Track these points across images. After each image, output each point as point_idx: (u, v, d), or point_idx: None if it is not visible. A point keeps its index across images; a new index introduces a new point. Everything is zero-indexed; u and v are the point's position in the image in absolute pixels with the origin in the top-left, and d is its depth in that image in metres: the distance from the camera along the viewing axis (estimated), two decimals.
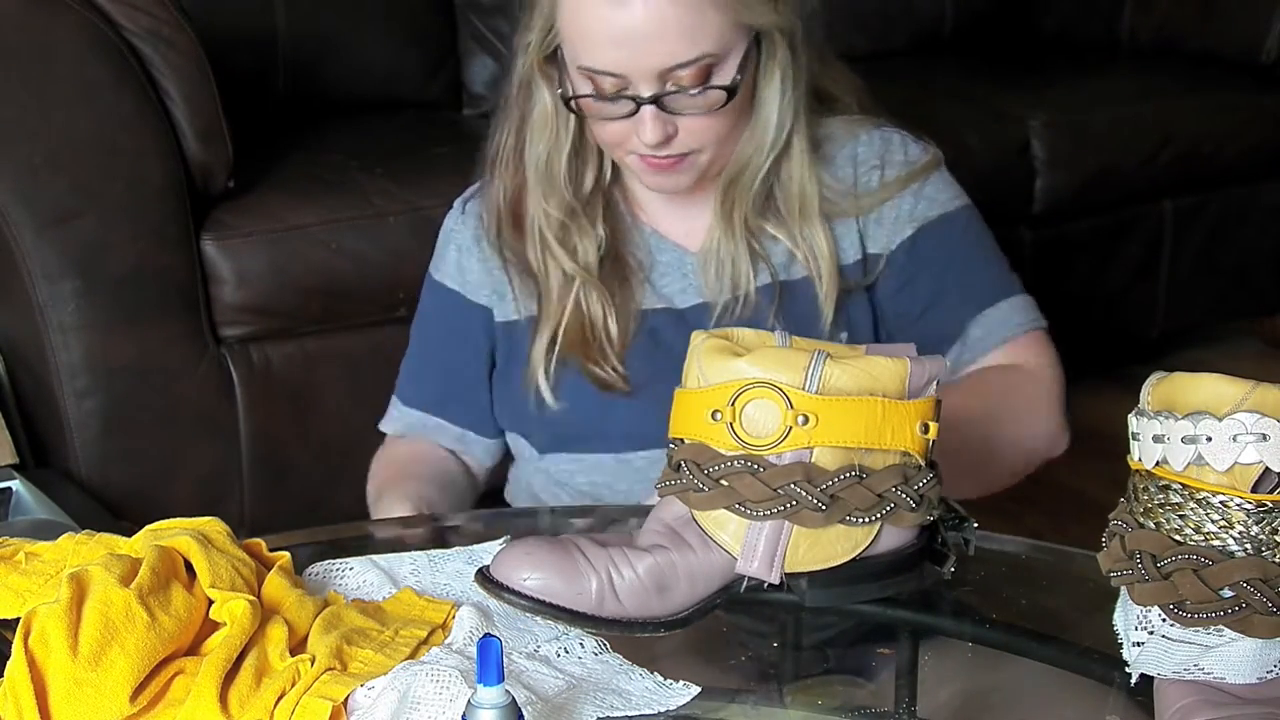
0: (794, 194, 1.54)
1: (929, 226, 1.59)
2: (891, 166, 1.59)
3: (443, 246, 1.64)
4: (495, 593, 1.11)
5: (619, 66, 1.42)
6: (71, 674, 0.99)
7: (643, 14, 1.39)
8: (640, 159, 1.48)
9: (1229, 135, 3.06)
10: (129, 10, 2.06)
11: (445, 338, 1.64)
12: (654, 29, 1.39)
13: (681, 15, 1.39)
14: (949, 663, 1.20)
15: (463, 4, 2.91)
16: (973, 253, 1.62)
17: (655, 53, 1.40)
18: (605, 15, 1.40)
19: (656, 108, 1.43)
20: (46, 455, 2.17)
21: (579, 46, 1.43)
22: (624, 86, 1.43)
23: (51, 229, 2.04)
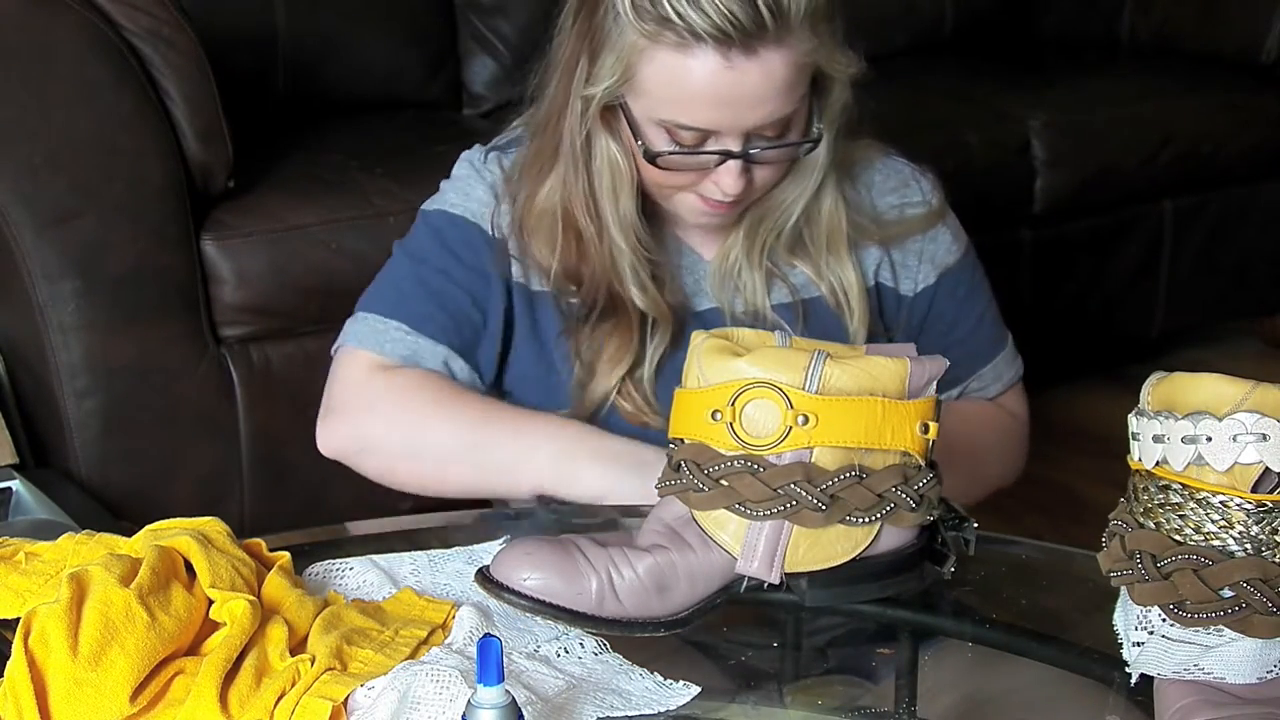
0: (822, 229, 1.54)
1: (948, 274, 1.62)
2: (913, 206, 1.61)
3: (466, 184, 1.56)
4: (495, 593, 1.11)
5: (713, 124, 1.39)
6: (71, 674, 0.99)
7: (754, 78, 1.36)
8: (700, 200, 1.46)
9: (1229, 135, 3.06)
10: (129, 10, 2.06)
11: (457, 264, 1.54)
12: (760, 91, 1.37)
13: (786, 75, 1.37)
14: (949, 663, 1.20)
15: (463, 4, 2.91)
16: (976, 305, 1.65)
17: (756, 112, 1.38)
18: (713, 78, 1.35)
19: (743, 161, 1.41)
20: (46, 455, 2.17)
21: (668, 102, 1.39)
22: (706, 139, 1.40)
23: (51, 229, 2.04)
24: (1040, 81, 3.12)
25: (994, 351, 1.66)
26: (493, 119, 2.80)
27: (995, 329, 1.68)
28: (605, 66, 1.41)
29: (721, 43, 1.34)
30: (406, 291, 1.54)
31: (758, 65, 1.35)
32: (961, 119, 2.83)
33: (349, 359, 1.55)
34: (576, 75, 1.44)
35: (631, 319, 1.51)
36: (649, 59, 1.38)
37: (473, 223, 1.55)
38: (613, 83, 1.41)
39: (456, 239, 1.55)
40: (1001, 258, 1.70)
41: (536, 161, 1.52)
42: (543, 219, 1.51)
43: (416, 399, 1.50)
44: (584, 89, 1.43)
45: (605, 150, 1.47)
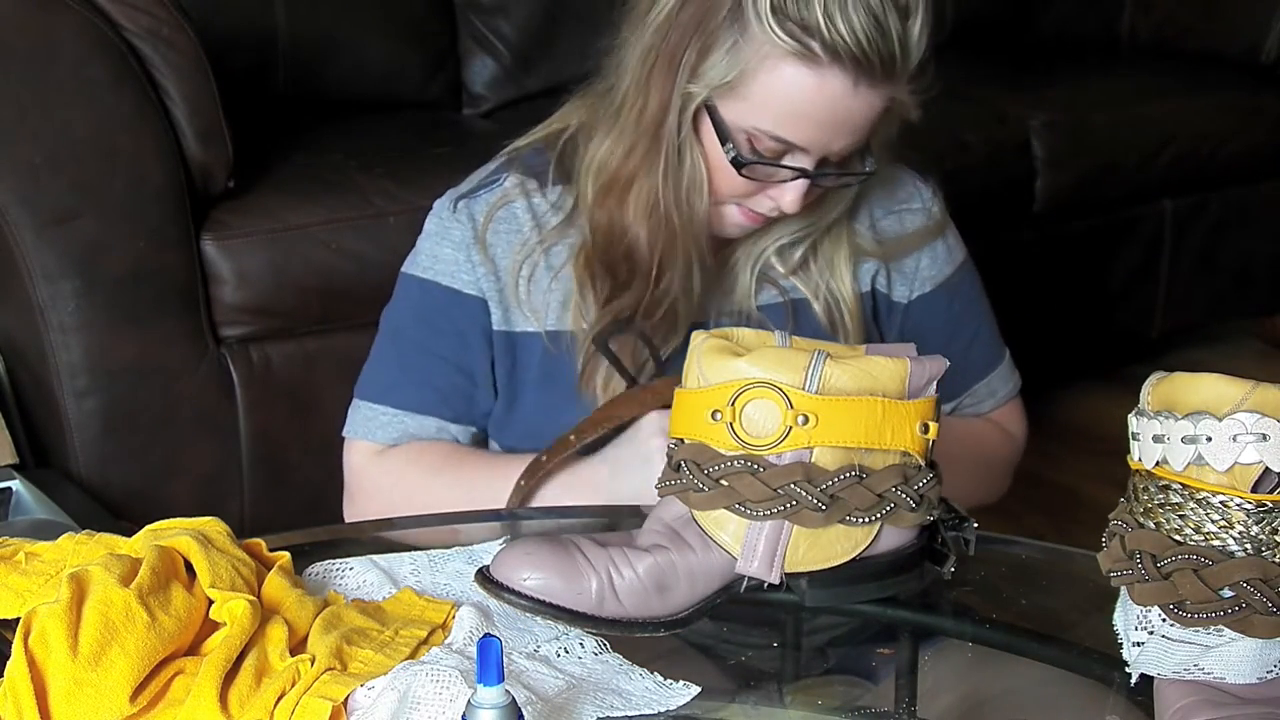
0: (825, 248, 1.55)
1: (943, 286, 1.62)
2: (912, 215, 1.61)
3: (434, 244, 1.57)
4: (495, 593, 1.11)
5: (807, 142, 1.39)
6: (71, 674, 0.99)
7: (863, 105, 1.37)
8: (741, 210, 1.46)
9: (1229, 135, 3.06)
10: (129, 10, 2.06)
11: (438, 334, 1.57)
12: (860, 119, 1.39)
13: (881, 110, 1.40)
14: (949, 663, 1.20)
15: (463, 4, 2.91)
16: (973, 319, 1.66)
17: (848, 138, 1.40)
18: (836, 100, 1.36)
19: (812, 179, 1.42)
20: (46, 455, 2.17)
21: (775, 114, 1.38)
22: (785, 153, 1.41)
23: (51, 229, 2.04)
24: (1040, 81, 3.13)
25: (988, 368, 1.66)
26: (493, 119, 2.81)
27: (990, 344, 1.67)
28: (717, 66, 1.38)
29: (858, 68, 1.35)
30: (393, 377, 1.59)
31: (873, 97, 1.37)
32: (961, 119, 2.83)
33: (350, 450, 1.62)
34: (681, 66, 1.40)
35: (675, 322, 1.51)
36: (771, 67, 1.36)
37: (444, 286, 1.56)
38: (720, 84, 1.39)
39: (430, 308, 1.57)
40: (1001, 258, 1.70)
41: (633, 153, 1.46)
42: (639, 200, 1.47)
43: (409, 474, 1.57)
44: (688, 85, 1.41)
45: (694, 149, 1.44)
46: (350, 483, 1.62)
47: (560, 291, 1.54)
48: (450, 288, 1.56)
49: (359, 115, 2.67)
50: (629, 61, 1.45)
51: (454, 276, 1.56)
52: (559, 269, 1.54)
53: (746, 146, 1.41)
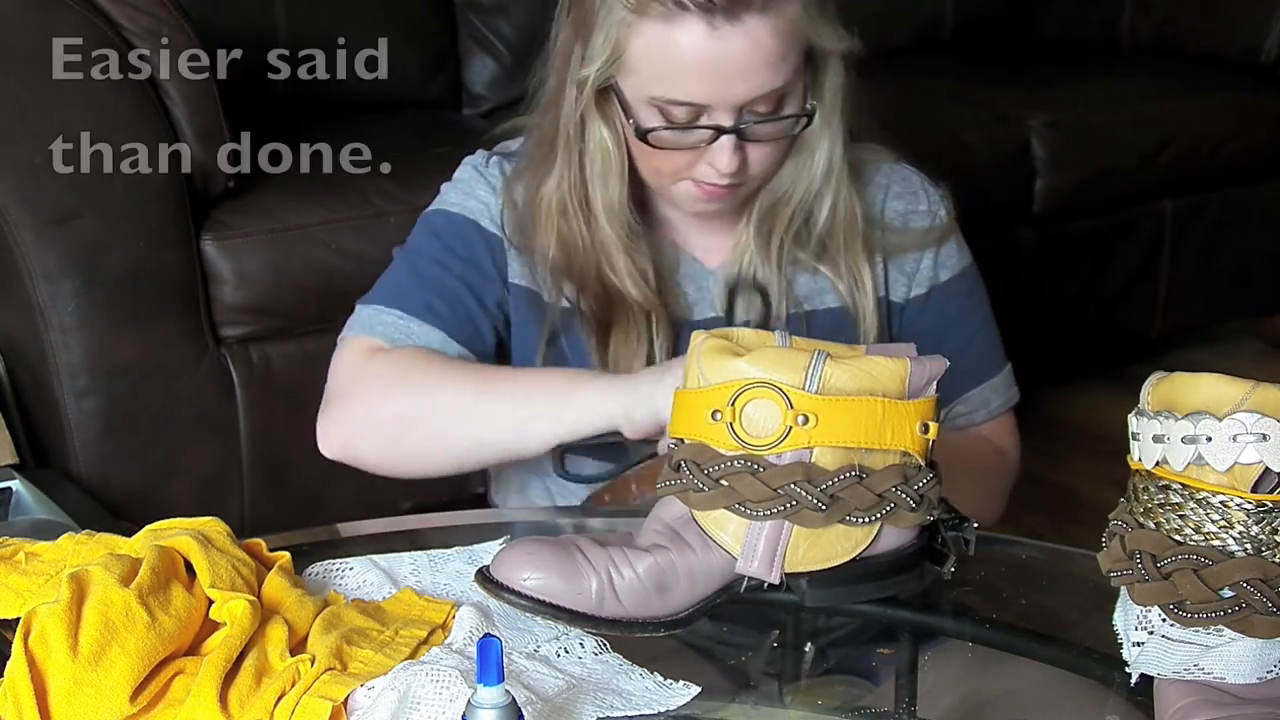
0: (839, 223, 1.53)
1: (940, 289, 1.61)
2: (917, 215, 1.60)
3: (468, 185, 1.57)
4: (495, 593, 1.11)
5: (703, 97, 1.39)
6: (71, 674, 0.99)
7: (740, 45, 1.37)
8: (696, 186, 1.46)
9: (1229, 135, 3.06)
10: (129, 10, 2.06)
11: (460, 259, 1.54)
12: (747, 61, 1.38)
13: (774, 45, 1.38)
14: (949, 663, 1.20)
15: (463, 4, 2.91)
16: (969, 325, 1.63)
17: (745, 84, 1.39)
18: (699, 46, 1.36)
19: (736, 137, 1.41)
20: (46, 455, 2.17)
21: (658, 77, 1.40)
22: (699, 115, 1.41)
23: (51, 229, 2.04)
24: (1040, 81, 3.13)
25: (982, 377, 1.64)
26: (493, 119, 2.81)
27: (987, 354, 1.65)
28: (595, 47, 1.42)
29: (706, 10, 1.35)
30: (402, 283, 1.55)
31: (743, 32, 1.36)
32: (961, 119, 2.83)
33: (345, 348, 1.55)
34: (571, 61, 1.45)
35: (635, 318, 1.51)
36: (636, 34, 1.39)
37: (470, 219, 1.55)
38: (603, 63, 1.41)
39: (452, 235, 1.55)
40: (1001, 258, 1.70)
41: (538, 153, 1.52)
42: (547, 212, 1.51)
43: (412, 370, 1.49)
44: (578, 73, 1.44)
45: (597, 136, 1.47)
46: (338, 382, 1.53)
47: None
48: (475, 222, 1.55)
49: (359, 115, 2.67)
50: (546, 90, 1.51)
51: (481, 214, 1.55)
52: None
53: (657, 118, 1.42)
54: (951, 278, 1.62)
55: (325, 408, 1.53)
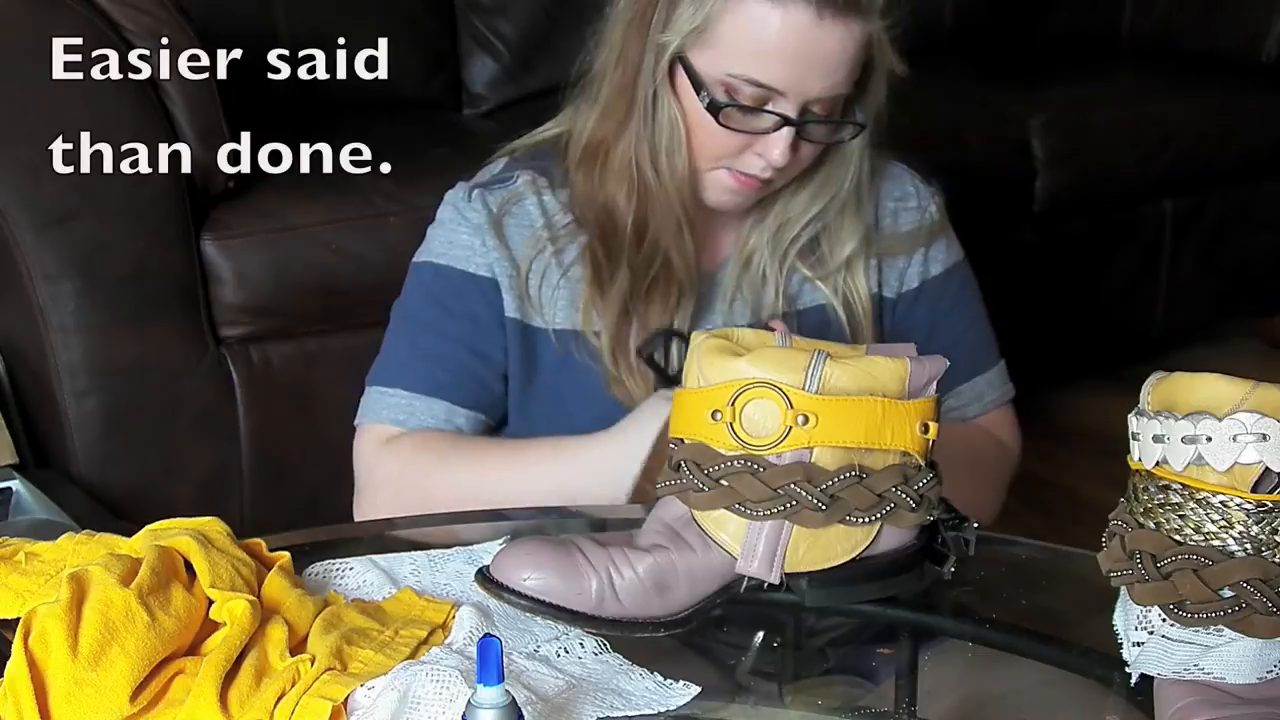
0: (844, 240, 1.55)
1: (929, 284, 1.62)
2: (908, 214, 1.61)
3: (449, 229, 1.57)
4: (495, 593, 1.11)
5: (781, 83, 1.41)
6: (71, 674, 0.99)
7: (836, 42, 1.40)
8: (731, 175, 1.47)
9: (1229, 135, 3.06)
10: (129, 10, 2.06)
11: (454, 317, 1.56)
12: (835, 58, 1.40)
13: (854, 49, 1.41)
14: (949, 663, 1.20)
15: (463, 4, 2.91)
16: (961, 319, 1.64)
17: (824, 80, 1.41)
18: (800, 33, 1.39)
19: (796, 130, 1.43)
20: (46, 455, 2.17)
21: (747, 55, 1.41)
22: (765, 101, 1.42)
23: (51, 229, 2.04)
24: (1040, 81, 3.12)
25: (975, 370, 1.64)
26: (493, 119, 2.81)
27: (980, 349, 1.66)
28: (683, 16, 1.42)
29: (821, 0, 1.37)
30: (403, 358, 1.57)
31: (842, 30, 1.39)
32: (961, 119, 2.83)
33: (360, 436, 1.60)
34: (653, 24, 1.45)
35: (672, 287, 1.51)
36: (735, 7, 1.40)
37: (458, 270, 1.55)
38: (691, 31, 1.42)
39: (444, 290, 1.56)
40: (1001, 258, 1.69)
41: (610, 117, 1.51)
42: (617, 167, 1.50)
43: (417, 460, 1.54)
44: (657, 37, 1.44)
45: (669, 105, 1.47)
46: (359, 474, 1.60)
47: (568, 292, 1.54)
48: (464, 271, 1.55)
49: (359, 115, 2.67)
50: (609, 35, 1.50)
51: (468, 260, 1.55)
52: (568, 267, 1.54)
53: (725, 96, 1.43)
54: (942, 272, 1.63)
55: (355, 498, 1.59)
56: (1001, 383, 1.68)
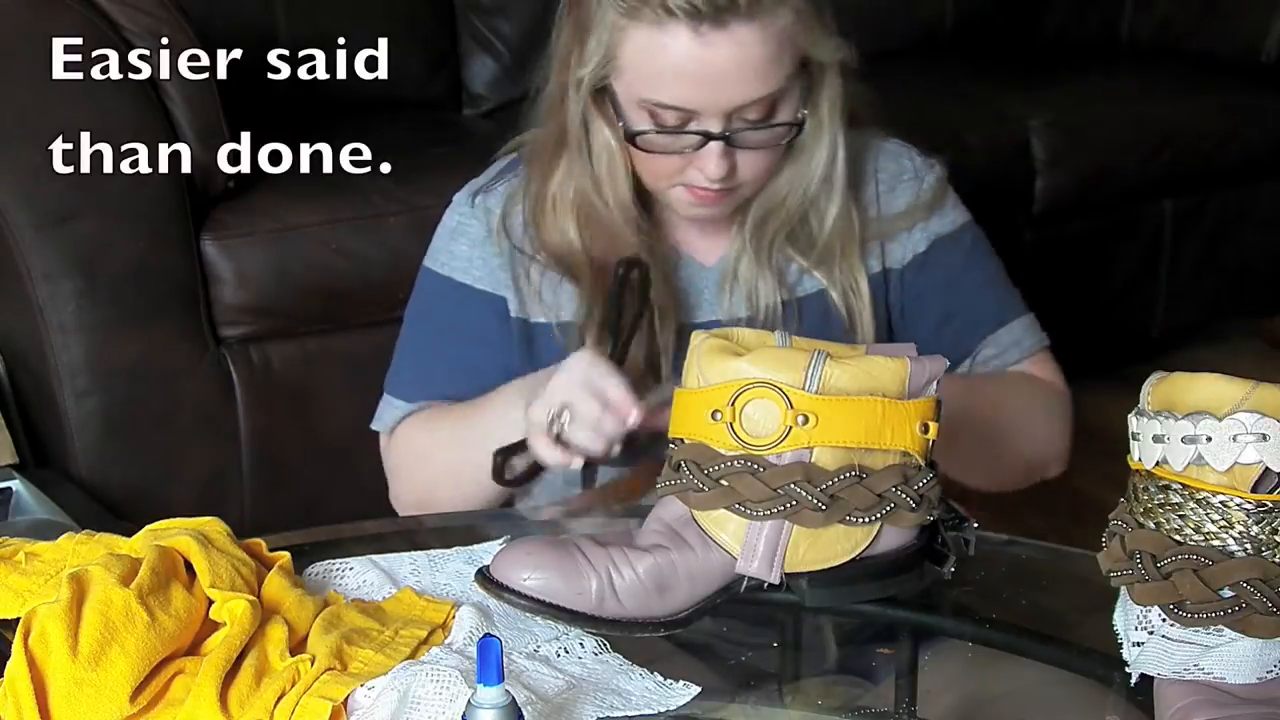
0: (835, 230, 1.52)
1: (939, 243, 1.58)
2: (904, 186, 1.58)
3: (449, 239, 1.58)
4: (495, 593, 1.11)
5: (691, 103, 1.39)
6: (71, 674, 0.99)
7: (727, 52, 1.36)
8: (688, 190, 1.46)
9: (1229, 135, 3.06)
10: (129, 10, 2.06)
11: (453, 331, 1.58)
12: (735, 67, 1.37)
13: (763, 53, 1.38)
14: (949, 663, 1.20)
15: (463, 4, 2.91)
16: (979, 271, 1.62)
17: (733, 90, 1.39)
18: (686, 52, 1.36)
19: (724, 143, 1.41)
20: (46, 455, 2.17)
21: (647, 80, 1.40)
22: (688, 120, 1.41)
23: (51, 229, 2.04)
24: (1040, 81, 3.12)
25: (1005, 316, 1.61)
26: (493, 119, 2.81)
27: (1004, 296, 1.62)
28: (590, 48, 1.42)
29: (692, 17, 1.35)
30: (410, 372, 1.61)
31: (729, 40, 1.36)
32: (961, 119, 2.83)
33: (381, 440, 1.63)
34: (570, 63, 1.45)
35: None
36: (628, 37, 1.39)
37: (459, 283, 1.57)
38: (597, 63, 1.42)
39: (446, 305, 1.58)
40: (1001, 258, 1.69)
41: (544, 152, 1.52)
42: (560, 206, 1.51)
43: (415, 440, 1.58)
44: (575, 73, 1.44)
45: (601, 136, 1.47)
46: (387, 472, 1.64)
47: (570, 284, 1.54)
48: (464, 284, 1.56)
49: (359, 115, 2.67)
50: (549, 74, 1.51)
51: (468, 273, 1.56)
52: None
53: (648, 120, 1.42)
54: (952, 231, 1.59)
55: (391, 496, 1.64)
56: (1035, 329, 1.64)
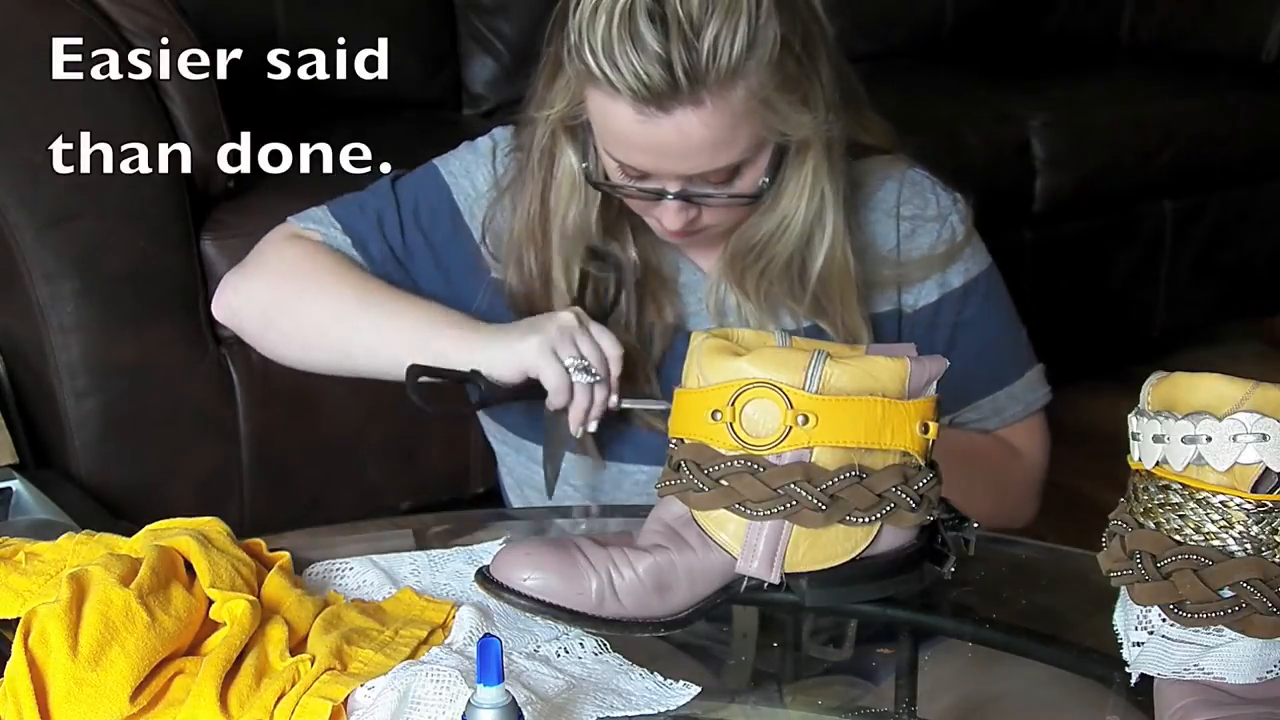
0: (834, 279, 1.48)
1: (950, 296, 1.57)
2: (926, 229, 1.55)
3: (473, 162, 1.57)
4: (495, 593, 1.11)
5: (644, 166, 1.38)
6: (71, 674, 0.99)
7: (670, 132, 1.33)
8: (660, 224, 1.45)
9: (1229, 135, 3.06)
10: (129, 10, 2.06)
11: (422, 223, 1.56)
12: (680, 145, 1.34)
13: (711, 133, 1.34)
14: (949, 663, 1.20)
15: (463, 4, 2.91)
16: (983, 330, 1.59)
17: (682, 164, 1.36)
18: (631, 126, 1.34)
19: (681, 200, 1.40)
20: (46, 455, 2.17)
21: (604, 137, 1.39)
22: (648, 176, 1.39)
23: (51, 229, 2.04)
24: (1040, 81, 3.13)
25: (996, 384, 1.60)
26: (493, 119, 2.81)
27: (1003, 361, 1.61)
28: (558, 91, 1.42)
29: (635, 99, 1.32)
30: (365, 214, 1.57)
31: (672, 123, 1.33)
32: (961, 119, 2.83)
33: (280, 228, 1.61)
34: (542, 97, 1.45)
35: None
36: (588, 94, 1.38)
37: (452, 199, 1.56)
38: (564, 107, 1.42)
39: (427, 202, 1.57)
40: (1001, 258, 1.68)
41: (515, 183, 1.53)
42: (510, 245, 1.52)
43: (306, 266, 1.54)
44: (543, 109, 1.44)
45: (565, 165, 1.46)
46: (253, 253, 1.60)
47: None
48: (457, 205, 1.57)
49: (359, 115, 2.67)
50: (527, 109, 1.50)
51: (466, 196, 1.57)
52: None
53: (615, 165, 1.41)
54: (961, 286, 1.57)
55: (232, 271, 1.62)
56: (1027, 393, 1.63)
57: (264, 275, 1.58)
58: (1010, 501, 1.62)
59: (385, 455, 2.27)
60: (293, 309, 1.54)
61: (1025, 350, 1.65)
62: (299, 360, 1.57)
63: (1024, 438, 1.64)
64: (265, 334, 1.57)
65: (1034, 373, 1.64)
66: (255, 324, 1.58)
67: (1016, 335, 1.64)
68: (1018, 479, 1.64)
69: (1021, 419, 1.63)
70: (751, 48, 1.31)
